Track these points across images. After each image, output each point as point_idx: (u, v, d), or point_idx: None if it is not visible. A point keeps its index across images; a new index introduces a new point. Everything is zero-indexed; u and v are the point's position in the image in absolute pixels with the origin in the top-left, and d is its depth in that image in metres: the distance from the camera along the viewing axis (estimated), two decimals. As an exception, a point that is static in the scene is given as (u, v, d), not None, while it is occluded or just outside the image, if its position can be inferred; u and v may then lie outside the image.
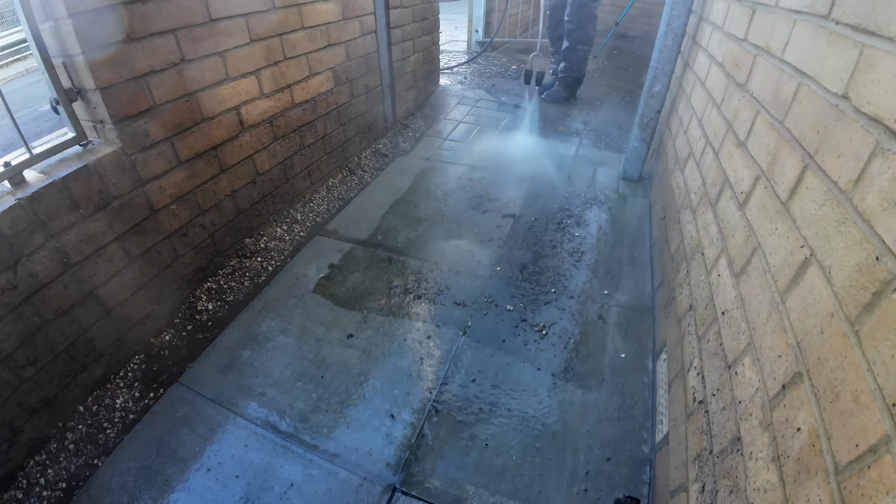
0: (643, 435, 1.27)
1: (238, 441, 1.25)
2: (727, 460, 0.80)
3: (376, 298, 1.71)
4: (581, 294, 1.74)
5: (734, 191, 1.12)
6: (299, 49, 1.96)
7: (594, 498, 1.13)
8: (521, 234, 2.08)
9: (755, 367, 0.80)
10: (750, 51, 1.22)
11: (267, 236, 1.97)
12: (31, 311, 1.14)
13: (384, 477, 1.18)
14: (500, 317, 1.64)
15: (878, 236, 0.55)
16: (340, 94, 2.34)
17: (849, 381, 0.54)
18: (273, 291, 1.75)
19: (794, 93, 0.89)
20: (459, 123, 3.21)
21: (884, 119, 0.59)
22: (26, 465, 1.16)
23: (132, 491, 1.15)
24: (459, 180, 2.53)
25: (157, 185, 1.45)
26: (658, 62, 2.11)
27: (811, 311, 0.66)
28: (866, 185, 0.59)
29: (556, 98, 3.50)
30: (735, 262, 1.00)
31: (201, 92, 1.54)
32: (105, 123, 1.29)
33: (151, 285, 1.49)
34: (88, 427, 1.26)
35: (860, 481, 0.48)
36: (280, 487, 1.15)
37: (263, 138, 1.88)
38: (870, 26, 0.66)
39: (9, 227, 1.07)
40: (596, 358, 1.49)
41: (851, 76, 0.68)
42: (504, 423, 1.30)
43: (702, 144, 1.51)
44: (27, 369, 1.15)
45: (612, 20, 5.00)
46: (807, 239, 0.72)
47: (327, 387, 1.40)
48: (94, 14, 1.18)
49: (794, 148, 0.84)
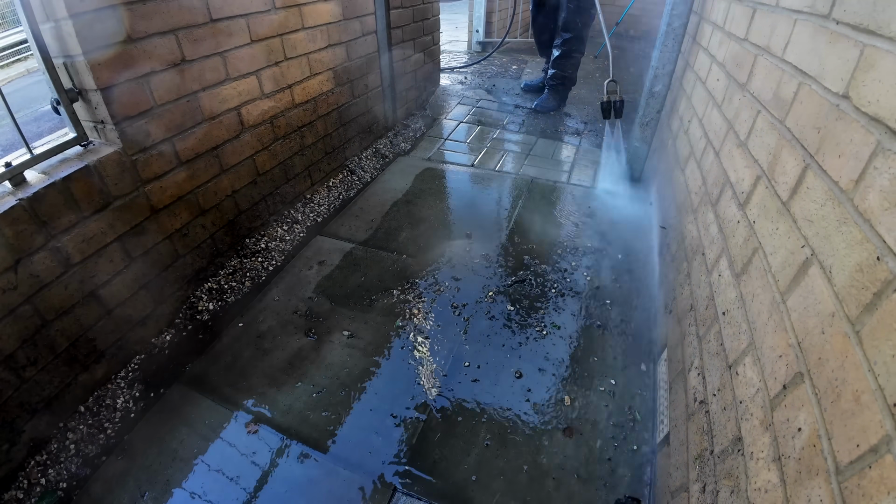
0: (644, 435, 1.27)
1: (239, 440, 1.25)
2: (728, 460, 0.80)
3: (377, 298, 1.71)
4: (579, 297, 1.74)
5: (735, 191, 1.12)
6: (300, 49, 1.96)
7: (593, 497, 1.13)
8: (522, 232, 2.08)
9: (756, 367, 0.79)
10: (751, 50, 1.22)
11: (267, 236, 1.97)
12: (31, 311, 1.14)
13: (385, 476, 1.18)
14: (502, 314, 1.64)
15: (879, 236, 0.55)
16: (341, 95, 2.34)
17: (850, 381, 0.54)
18: (274, 291, 1.75)
19: (794, 92, 0.89)
20: (460, 123, 3.21)
21: (885, 119, 0.58)
22: (27, 465, 1.16)
23: (133, 491, 1.15)
24: (460, 180, 2.53)
25: (157, 186, 1.45)
26: (659, 62, 2.11)
27: (812, 311, 0.66)
28: (867, 185, 0.59)
29: (547, 107, 3.37)
30: (736, 262, 1.00)
31: (202, 92, 1.54)
32: (106, 124, 1.29)
33: (152, 285, 1.49)
34: (89, 427, 1.26)
35: (861, 481, 0.48)
36: (281, 486, 1.15)
37: (264, 138, 1.88)
38: (870, 26, 0.66)
39: (10, 228, 1.07)
40: (596, 357, 1.49)
41: (852, 76, 0.68)
42: (503, 422, 1.30)
43: (702, 144, 1.51)
44: (28, 369, 1.15)
45: (613, 20, 5.00)
46: (807, 239, 0.72)
47: (328, 387, 1.40)
48: (95, 14, 1.18)
49: (794, 148, 0.84)
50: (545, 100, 3.36)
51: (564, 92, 3.35)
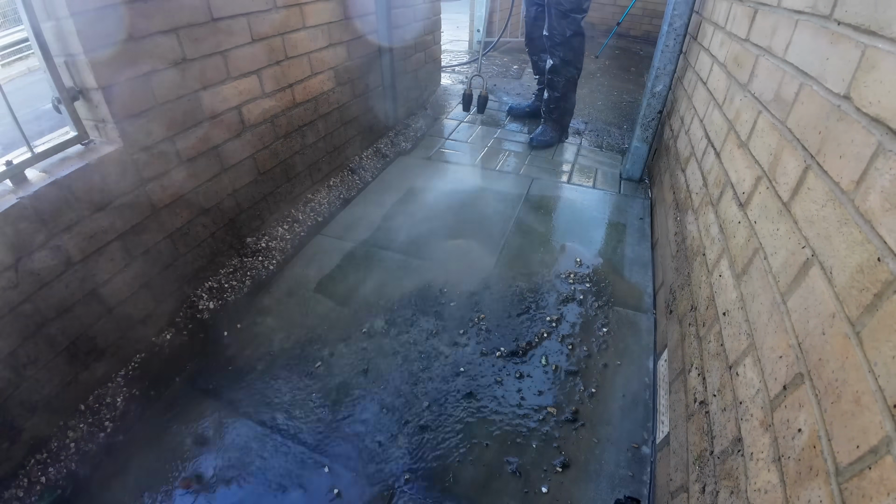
0: (644, 435, 1.27)
1: (240, 440, 1.25)
2: (728, 461, 0.80)
3: (377, 298, 1.71)
4: (578, 298, 1.74)
5: (735, 191, 1.11)
6: (301, 48, 1.96)
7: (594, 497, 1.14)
8: (523, 232, 2.08)
9: (756, 367, 0.79)
10: (752, 51, 1.22)
11: (268, 236, 1.97)
12: (32, 309, 1.14)
13: (385, 476, 1.18)
14: (503, 311, 1.64)
15: (880, 237, 0.55)
16: (342, 94, 2.34)
17: (850, 382, 0.54)
18: (274, 291, 1.75)
19: (796, 93, 0.89)
20: (461, 123, 3.21)
21: (886, 120, 0.58)
22: (27, 464, 1.16)
23: (133, 490, 1.15)
24: (461, 180, 2.53)
25: (158, 184, 1.45)
26: (660, 62, 2.11)
27: (812, 312, 0.66)
28: (868, 186, 0.59)
29: (546, 142, 2.89)
30: (736, 263, 1.00)
31: (203, 91, 1.54)
32: (107, 122, 1.29)
33: (153, 284, 1.49)
34: (89, 426, 1.27)
35: (861, 482, 0.48)
36: (282, 485, 1.15)
37: (265, 138, 1.88)
38: (872, 27, 0.66)
39: (10, 226, 1.07)
40: (596, 356, 1.49)
41: (853, 77, 0.68)
42: (503, 420, 1.30)
43: (703, 144, 1.51)
44: (29, 368, 1.15)
45: (614, 20, 4.99)
46: (808, 239, 0.72)
47: (328, 386, 1.40)
48: (96, 13, 1.18)
49: (795, 148, 0.83)
50: (542, 132, 2.92)
51: (564, 120, 2.93)
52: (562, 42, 2.55)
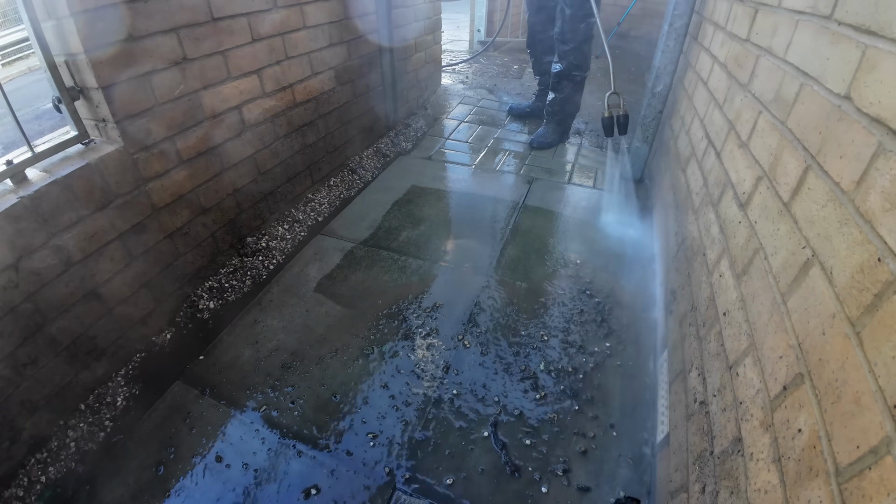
0: (643, 435, 1.27)
1: (240, 439, 1.25)
2: (728, 461, 0.80)
3: (377, 298, 1.71)
4: (578, 298, 1.74)
5: (736, 191, 1.11)
6: (301, 48, 1.96)
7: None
8: (522, 232, 2.08)
9: (756, 367, 0.79)
10: (752, 51, 1.21)
11: (268, 235, 1.97)
12: (32, 308, 1.14)
13: (384, 475, 1.18)
14: (502, 311, 1.64)
15: (880, 237, 0.55)
16: (342, 94, 2.34)
17: (850, 382, 0.54)
18: (274, 290, 1.75)
19: (796, 93, 0.89)
20: (461, 123, 3.21)
21: (886, 120, 0.58)
22: (27, 463, 1.16)
23: (133, 489, 1.15)
24: (461, 180, 2.53)
25: (158, 184, 1.45)
26: (660, 62, 2.11)
27: (813, 312, 0.66)
28: (868, 186, 0.59)
29: (547, 143, 2.86)
30: (737, 263, 1.00)
31: (203, 91, 1.54)
32: (107, 122, 1.29)
33: (153, 284, 1.49)
34: (90, 425, 1.27)
35: (861, 483, 0.48)
36: (282, 484, 1.15)
37: (265, 137, 1.88)
38: (872, 27, 0.66)
39: (11, 226, 1.07)
40: (596, 357, 1.49)
41: (854, 77, 0.68)
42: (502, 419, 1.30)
43: (704, 145, 1.51)
44: (29, 367, 1.15)
45: (615, 20, 4.99)
46: (808, 240, 0.72)
47: (328, 386, 1.40)
48: (97, 13, 1.18)
49: (796, 148, 0.83)
50: (544, 134, 2.89)
51: (566, 122, 2.89)
52: (574, 47, 2.55)
